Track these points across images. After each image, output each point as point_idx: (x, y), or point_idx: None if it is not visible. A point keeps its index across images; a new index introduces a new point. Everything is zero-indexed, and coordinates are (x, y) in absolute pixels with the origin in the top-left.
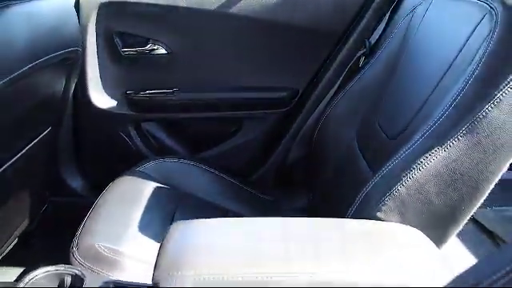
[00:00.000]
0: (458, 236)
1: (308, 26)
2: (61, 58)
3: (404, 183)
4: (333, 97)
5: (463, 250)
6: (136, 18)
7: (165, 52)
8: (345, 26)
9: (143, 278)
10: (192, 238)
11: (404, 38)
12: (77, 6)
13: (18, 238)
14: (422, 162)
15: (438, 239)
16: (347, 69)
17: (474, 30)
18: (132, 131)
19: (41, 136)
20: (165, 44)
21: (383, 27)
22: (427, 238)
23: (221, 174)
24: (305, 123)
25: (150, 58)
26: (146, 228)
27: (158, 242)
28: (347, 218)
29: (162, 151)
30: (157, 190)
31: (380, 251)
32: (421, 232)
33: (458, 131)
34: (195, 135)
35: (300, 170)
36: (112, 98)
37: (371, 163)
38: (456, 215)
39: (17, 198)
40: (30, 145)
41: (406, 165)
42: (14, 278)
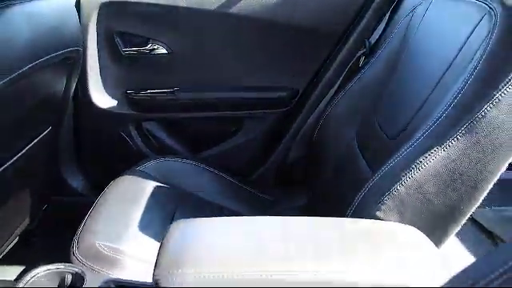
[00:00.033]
0: (458, 236)
1: (308, 26)
2: (61, 57)
3: (403, 183)
4: (333, 97)
5: (462, 249)
6: (137, 17)
7: (165, 52)
8: (345, 25)
9: (143, 276)
10: (192, 236)
11: (404, 37)
12: (77, 5)
13: (19, 237)
14: (421, 161)
15: (438, 239)
16: (347, 69)
17: (474, 30)
18: (132, 131)
19: (41, 136)
20: (165, 44)
21: (383, 27)
22: (426, 237)
23: (221, 174)
24: (305, 123)
25: (150, 57)
26: (146, 227)
27: (158, 241)
28: (347, 217)
29: (163, 151)
30: (157, 190)
31: (379, 251)
32: (420, 231)
33: (457, 131)
34: (195, 135)
35: (300, 170)
36: (112, 97)
37: (371, 163)
38: (455, 215)
39: (17, 197)
40: (31, 144)
41: (406, 164)
42: (14, 277)
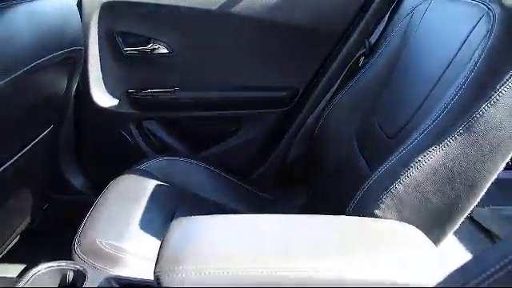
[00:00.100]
0: (456, 234)
1: (308, 26)
2: (63, 57)
3: (402, 181)
4: (333, 96)
5: (460, 248)
6: (138, 17)
7: (166, 51)
8: (345, 26)
9: (145, 274)
10: (193, 233)
11: (404, 37)
12: (79, 5)
13: (20, 235)
14: (419, 160)
15: (436, 237)
16: (347, 68)
17: (472, 30)
18: (133, 130)
19: (43, 134)
20: (166, 43)
21: (383, 27)
22: (424, 235)
23: (221, 173)
24: (305, 122)
25: (151, 57)
26: (147, 225)
27: (159, 239)
28: (346, 215)
29: (163, 150)
30: (158, 188)
31: (378, 249)
32: (418, 230)
33: (455, 130)
34: (196, 134)
35: (300, 169)
36: (114, 96)
37: (370, 162)
38: (453, 213)
39: (18, 196)
40: (32, 143)
41: (404, 163)
42: (16, 275)
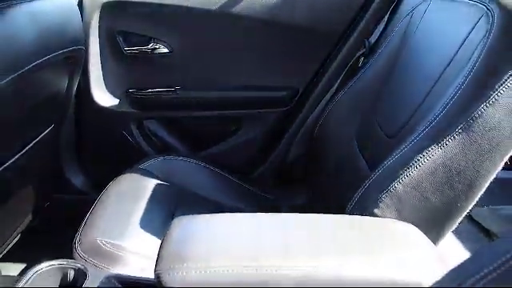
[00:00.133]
0: (455, 234)
1: (308, 26)
2: (64, 56)
3: (401, 181)
4: (333, 96)
5: (459, 247)
6: (138, 17)
7: (167, 51)
8: (345, 25)
9: (145, 272)
10: (194, 232)
11: (403, 37)
12: (80, 5)
13: (21, 234)
14: (418, 159)
15: (435, 236)
16: (347, 68)
17: (471, 31)
18: (134, 129)
19: (43, 134)
20: (167, 43)
21: (383, 27)
22: (424, 234)
23: (221, 172)
24: (305, 122)
25: (151, 56)
26: (147, 224)
27: (160, 237)
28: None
29: (164, 149)
30: (158, 188)
31: (378, 247)
32: (417, 229)
33: (454, 130)
34: (196, 133)
35: (300, 169)
36: (114, 96)
37: (370, 162)
38: (452, 212)
39: (19, 194)
40: (33, 142)
41: (403, 163)
42: (17, 274)
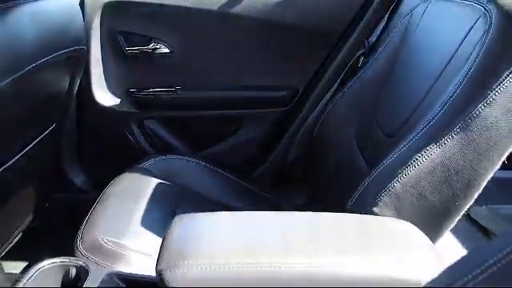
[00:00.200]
0: (453, 233)
1: (308, 26)
2: (66, 56)
3: (400, 179)
4: (332, 96)
5: (458, 246)
6: (139, 17)
7: (167, 51)
8: (344, 25)
9: (146, 270)
10: (195, 229)
11: (403, 36)
12: (82, 5)
13: (22, 233)
14: (417, 159)
15: (433, 234)
16: (347, 68)
17: (469, 31)
18: (135, 129)
19: (45, 133)
20: (167, 43)
21: (382, 27)
22: (422, 232)
23: (221, 172)
24: (305, 122)
25: (152, 56)
26: (148, 223)
27: (161, 236)
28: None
29: (164, 149)
30: (158, 187)
31: (376, 246)
32: (416, 227)
33: (452, 130)
34: (197, 133)
35: (299, 168)
36: (115, 96)
37: (369, 161)
38: (450, 211)
39: (21, 194)
40: (35, 142)
41: (402, 162)
42: (19, 271)
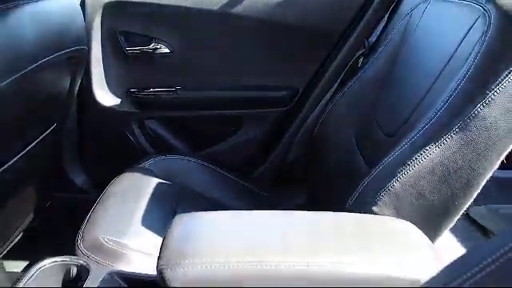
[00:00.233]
0: (453, 232)
1: (308, 26)
2: (67, 56)
3: (399, 179)
4: (332, 96)
5: (457, 245)
6: (140, 17)
7: (168, 51)
8: (344, 25)
9: (147, 269)
10: (195, 228)
11: (403, 36)
12: (82, 5)
13: (23, 232)
14: (416, 158)
15: (432, 233)
16: (347, 68)
17: (468, 31)
18: (135, 129)
19: (46, 133)
20: (168, 43)
21: (382, 27)
22: (421, 232)
23: (221, 171)
24: (305, 122)
25: (153, 56)
26: (148, 222)
27: (161, 235)
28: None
29: (164, 148)
30: (159, 186)
31: (376, 245)
32: (415, 226)
33: (451, 129)
34: (197, 133)
35: (299, 168)
36: (116, 96)
37: (368, 160)
38: (449, 210)
39: (21, 194)
40: (35, 142)
41: (401, 161)
42: (20, 270)
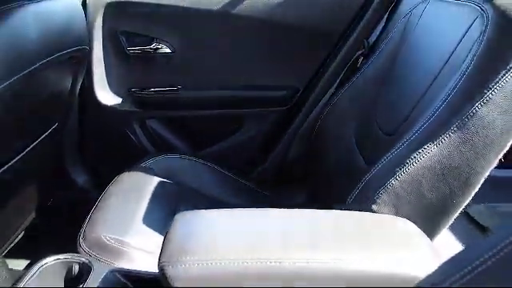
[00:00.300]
0: (452, 230)
1: (308, 26)
2: (68, 56)
3: (398, 177)
4: (332, 95)
5: (456, 243)
6: (141, 17)
7: (169, 51)
8: (344, 25)
9: (149, 267)
10: (197, 226)
11: (402, 35)
12: (84, 5)
13: (24, 231)
14: (415, 157)
15: (431, 231)
16: (346, 68)
17: (467, 31)
18: (137, 128)
19: (48, 132)
20: (169, 43)
21: (382, 27)
22: (420, 230)
23: (222, 170)
24: (305, 121)
25: (154, 56)
26: (150, 220)
27: (162, 233)
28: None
29: (165, 148)
30: (160, 185)
31: (375, 243)
32: (414, 224)
33: (449, 128)
34: (198, 132)
35: (299, 168)
36: (117, 95)
37: (368, 159)
38: (448, 209)
39: (23, 192)
40: (37, 141)
41: (400, 160)
42: (22, 268)
